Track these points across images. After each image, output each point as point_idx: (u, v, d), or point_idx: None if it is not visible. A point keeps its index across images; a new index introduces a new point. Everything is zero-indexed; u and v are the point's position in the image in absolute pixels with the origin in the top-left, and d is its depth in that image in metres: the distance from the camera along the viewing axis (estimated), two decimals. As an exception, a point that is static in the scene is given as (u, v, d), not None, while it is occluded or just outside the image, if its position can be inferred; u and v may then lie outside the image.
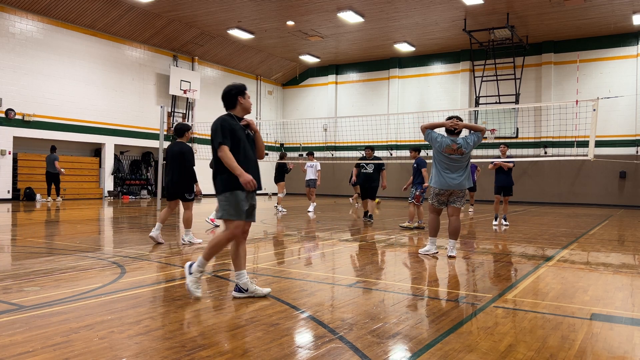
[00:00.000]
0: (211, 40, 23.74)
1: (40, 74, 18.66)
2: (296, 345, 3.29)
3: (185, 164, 7.57)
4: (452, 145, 6.69)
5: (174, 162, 7.60)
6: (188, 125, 7.84)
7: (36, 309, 3.97)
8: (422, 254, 7.01)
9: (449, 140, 6.74)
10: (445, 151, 6.68)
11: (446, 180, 6.69)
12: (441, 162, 6.73)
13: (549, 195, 23.13)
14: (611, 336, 3.55)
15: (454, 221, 6.91)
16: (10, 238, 8.56)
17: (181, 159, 7.56)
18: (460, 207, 6.88)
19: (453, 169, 6.72)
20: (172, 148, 7.67)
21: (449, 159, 6.70)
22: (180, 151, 7.57)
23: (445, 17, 20.36)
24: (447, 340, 3.38)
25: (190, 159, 7.61)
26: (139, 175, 23.15)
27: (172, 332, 3.45)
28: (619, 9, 19.00)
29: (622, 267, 6.49)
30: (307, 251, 7.64)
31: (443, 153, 6.69)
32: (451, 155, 6.68)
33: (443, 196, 6.81)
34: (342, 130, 27.04)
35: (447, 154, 6.68)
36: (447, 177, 6.70)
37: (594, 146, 9.88)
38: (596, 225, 12.48)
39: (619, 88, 21.67)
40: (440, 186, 6.72)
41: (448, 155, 6.68)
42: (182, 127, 7.80)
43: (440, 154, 6.72)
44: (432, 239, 7.01)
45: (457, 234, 6.91)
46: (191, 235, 7.79)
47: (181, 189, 7.64)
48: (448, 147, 6.69)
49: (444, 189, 6.73)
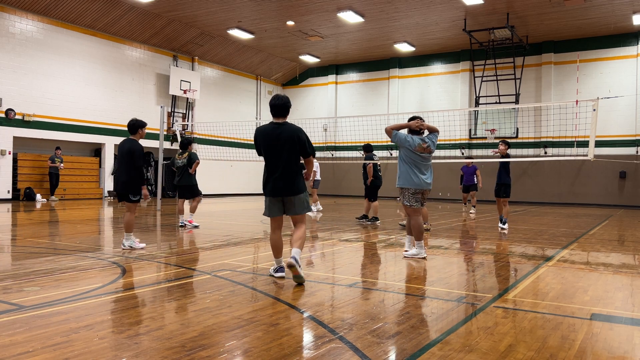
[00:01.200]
0: (211, 40, 23.74)
1: (40, 74, 18.66)
2: (296, 345, 3.29)
3: (134, 163, 7.10)
4: (422, 144, 6.76)
5: (122, 161, 7.15)
6: (142, 122, 7.33)
7: (36, 309, 3.97)
8: (409, 257, 6.83)
9: (418, 139, 6.80)
10: (417, 150, 6.74)
11: (421, 180, 6.79)
12: (414, 162, 6.79)
13: (549, 195, 23.13)
14: (611, 336, 3.55)
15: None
16: (10, 238, 8.56)
17: (129, 158, 7.08)
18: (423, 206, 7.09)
19: (425, 168, 6.83)
20: (123, 145, 7.19)
21: (421, 158, 6.79)
22: (129, 150, 7.08)
23: (445, 17, 20.36)
24: (447, 340, 3.38)
25: (139, 159, 7.12)
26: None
27: (172, 332, 3.45)
28: (619, 9, 19.00)
29: (622, 267, 6.49)
30: (307, 251, 7.64)
31: (415, 152, 6.75)
32: (422, 154, 6.78)
33: (418, 194, 6.89)
34: (342, 130, 27.05)
35: (419, 152, 6.76)
36: (421, 177, 6.80)
37: (594, 146, 9.88)
38: (596, 225, 12.48)
39: (619, 88, 21.67)
40: (416, 186, 6.80)
41: (420, 154, 6.77)
42: (136, 123, 7.25)
43: (413, 154, 6.77)
44: (419, 242, 6.85)
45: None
46: (132, 240, 7.20)
47: (127, 189, 7.16)
48: (419, 146, 6.75)
49: (419, 188, 6.82)
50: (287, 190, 5.17)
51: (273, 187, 5.19)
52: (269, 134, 5.17)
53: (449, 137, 22.50)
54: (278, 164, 5.15)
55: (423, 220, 10.60)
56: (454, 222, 12.83)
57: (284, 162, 5.14)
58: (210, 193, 25.45)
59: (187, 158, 10.24)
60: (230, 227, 10.50)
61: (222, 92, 26.41)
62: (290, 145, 5.13)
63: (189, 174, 10.26)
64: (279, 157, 5.15)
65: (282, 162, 5.14)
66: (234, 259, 6.39)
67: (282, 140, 5.12)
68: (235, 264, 6.11)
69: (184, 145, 10.45)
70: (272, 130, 5.18)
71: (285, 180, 5.15)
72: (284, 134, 5.13)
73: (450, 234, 10.33)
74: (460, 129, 23.39)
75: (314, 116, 27.93)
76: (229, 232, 9.55)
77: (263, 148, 5.22)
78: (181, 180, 10.34)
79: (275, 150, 5.15)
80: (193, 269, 5.88)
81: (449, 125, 20.39)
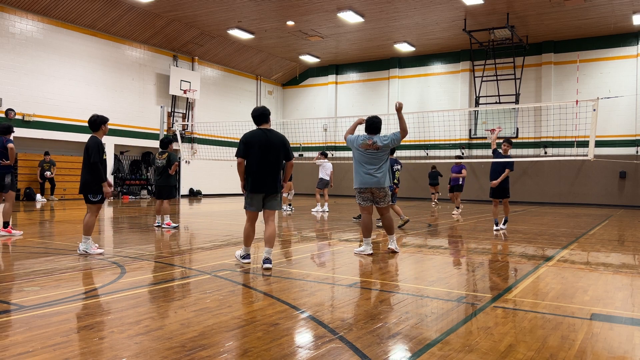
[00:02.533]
0: (211, 40, 23.74)
1: (40, 74, 18.66)
2: (296, 345, 3.29)
3: (90, 160, 6.63)
4: (367, 141, 6.89)
5: (84, 159, 6.77)
6: (104, 117, 6.88)
7: (36, 309, 3.97)
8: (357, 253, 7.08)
9: (363, 137, 6.95)
10: (362, 147, 6.89)
11: (364, 178, 6.90)
12: (359, 159, 6.94)
13: (549, 195, 23.13)
14: (611, 336, 3.55)
15: (384, 219, 7.21)
16: (10, 238, 8.55)
17: (86, 155, 6.69)
18: (385, 205, 7.10)
19: (370, 164, 6.89)
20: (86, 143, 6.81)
21: (366, 156, 6.89)
22: (86, 146, 6.68)
23: (445, 17, 20.36)
24: (447, 340, 3.38)
25: (93, 155, 6.60)
26: (139, 175, 23.15)
27: (172, 332, 3.45)
28: (619, 9, 19.00)
29: (622, 267, 6.49)
30: (308, 251, 7.64)
31: (359, 149, 6.91)
32: (367, 150, 6.87)
33: (365, 193, 7.00)
34: (342, 130, 27.01)
35: (363, 149, 6.88)
36: (365, 176, 6.90)
37: (594, 146, 9.87)
38: (596, 225, 12.48)
39: (619, 88, 21.67)
40: (360, 184, 6.95)
41: (365, 151, 6.88)
42: (97, 119, 6.80)
43: (358, 151, 6.94)
44: (366, 240, 7.08)
45: (390, 229, 7.21)
46: (89, 244, 6.64)
47: (84, 189, 6.73)
48: (364, 143, 6.89)
49: (364, 187, 6.94)
50: (272, 188, 5.92)
51: (258, 185, 5.88)
52: (260, 138, 5.89)
53: (449, 137, 22.52)
54: (266, 165, 5.86)
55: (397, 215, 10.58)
56: (454, 222, 12.83)
57: (271, 163, 5.88)
58: (210, 193, 25.46)
59: (166, 159, 10.07)
60: (230, 227, 10.50)
61: (222, 92, 26.41)
62: (277, 149, 5.92)
63: (168, 175, 10.14)
64: (267, 159, 5.86)
65: (269, 163, 5.87)
66: (234, 259, 6.39)
67: (271, 144, 5.89)
68: (235, 264, 6.11)
69: (164, 145, 10.27)
70: (262, 134, 5.93)
71: (270, 179, 5.89)
72: (273, 138, 5.93)
73: (450, 234, 10.33)
74: (460, 129, 23.40)
75: (314, 116, 27.94)
76: (229, 232, 9.55)
77: (253, 150, 5.86)
78: (159, 181, 10.23)
79: (265, 152, 5.85)
80: (193, 269, 5.88)
81: (449, 125, 20.42)
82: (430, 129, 21.91)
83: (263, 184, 5.88)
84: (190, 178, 24.81)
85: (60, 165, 19.49)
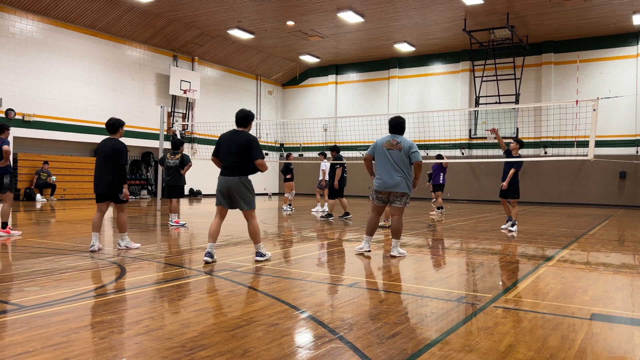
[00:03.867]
0: (211, 40, 23.73)
1: (41, 74, 18.66)
2: (296, 345, 3.29)
3: (120, 162, 6.99)
4: (391, 141, 6.82)
5: (106, 161, 7.00)
6: (122, 120, 7.28)
7: (36, 309, 3.97)
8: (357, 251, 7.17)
9: (388, 137, 6.89)
10: (385, 146, 6.82)
11: (383, 179, 6.83)
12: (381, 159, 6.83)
13: (549, 195, 23.12)
14: (611, 336, 3.55)
15: (393, 221, 7.03)
16: (10, 238, 8.55)
17: (114, 157, 6.96)
18: (400, 206, 6.90)
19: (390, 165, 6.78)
20: (105, 145, 7.06)
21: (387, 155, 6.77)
22: (113, 149, 6.97)
23: (445, 17, 20.35)
24: (447, 340, 3.38)
25: (124, 158, 7.06)
26: (139, 175, 23.15)
27: (172, 332, 3.45)
28: (619, 9, 19.00)
29: (622, 267, 6.49)
30: (308, 251, 7.64)
31: (382, 148, 6.82)
32: (390, 150, 6.79)
33: (382, 194, 6.95)
34: (342, 130, 27.03)
35: (386, 148, 6.81)
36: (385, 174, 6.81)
37: (594, 146, 9.87)
38: (596, 225, 12.48)
39: (619, 88, 21.67)
40: (378, 187, 6.90)
41: (387, 151, 6.79)
42: (116, 122, 7.19)
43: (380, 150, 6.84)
44: (367, 237, 7.16)
45: (397, 233, 6.97)
46: (127, 240, 7.22)
47: (111, 189, 7.03)
48: (388, 143, 6.82)
49: (381, 189, 6.88)
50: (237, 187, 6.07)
51: (220, 182, 6.15)
52: (228, 139, 6.16)
53: (449, 137, 22.52)
54: (230, 163, 6.06)
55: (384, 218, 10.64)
56: (454, 222, 12.83)
57: (234, 162, 6.04)
58: (210, 193, 25.44)
59: (179, 159, 10.41)
60: (230, 227, 10.49)
61: (222, 92, 26.40)
62: (241, 147, 6.05)
63: (180, 175, 10.50)
64: (230, 158, 6.06)
65: (232, 162, 6.04)
66: (234, 259, 6.39)
67: (236, 144, 6.07)
68: (235, 264, 6.11)
69: (176, 146, 10.67)
70: (231, 136, 6.17)
71: (233, 180, 6.05)
72: (239, 139, 6.11)
73: (450, 234, 10.33)
74: (460, 129, 23.40)
75: (314, 116, 27.93)
76: (229, 232, 9.55)
77: (221, 149, 6.17)
78: (172, 180, 10.52)
79: (229, 151, 6.07)
80: (193, 269, 5.88)
81: (449, 125, 20.41)
82: (430, 129, 21.93)
83: (224, 182, 6.10)
84: (191, 178, 24.78)
85: (60, 165, 19.52)
